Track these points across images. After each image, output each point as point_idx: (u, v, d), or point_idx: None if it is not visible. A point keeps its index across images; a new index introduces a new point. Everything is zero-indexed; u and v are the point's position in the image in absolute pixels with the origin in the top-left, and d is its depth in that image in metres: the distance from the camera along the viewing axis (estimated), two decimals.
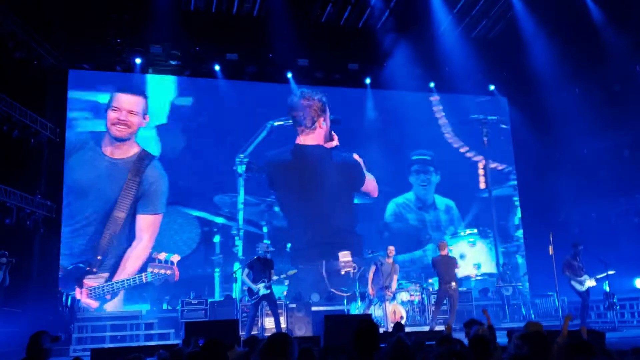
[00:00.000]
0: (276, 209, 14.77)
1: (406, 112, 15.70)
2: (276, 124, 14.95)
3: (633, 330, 11.49)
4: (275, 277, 10.84)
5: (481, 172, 16.16)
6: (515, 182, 16.54)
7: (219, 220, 14.42)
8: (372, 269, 11.80)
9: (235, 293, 13.27)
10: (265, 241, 11.62)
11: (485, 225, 15.87)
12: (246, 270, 10.84)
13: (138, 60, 13.97)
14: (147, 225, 13.76)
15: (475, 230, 15.64)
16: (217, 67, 14.46)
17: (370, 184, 15.47)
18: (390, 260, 11.95)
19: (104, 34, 13.32)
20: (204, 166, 14.43)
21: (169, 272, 13.27)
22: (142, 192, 13.83)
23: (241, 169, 14.53)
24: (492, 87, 16.49)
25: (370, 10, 14.12)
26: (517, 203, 16.41)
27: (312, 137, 15.15)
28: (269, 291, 10.62)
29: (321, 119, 15.05)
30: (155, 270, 13.23)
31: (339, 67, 15.20)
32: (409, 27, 14.02)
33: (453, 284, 11.11)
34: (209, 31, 13.87)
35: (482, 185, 16.10)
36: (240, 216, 14.47)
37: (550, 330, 6.39)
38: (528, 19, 14.08)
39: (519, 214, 16.32)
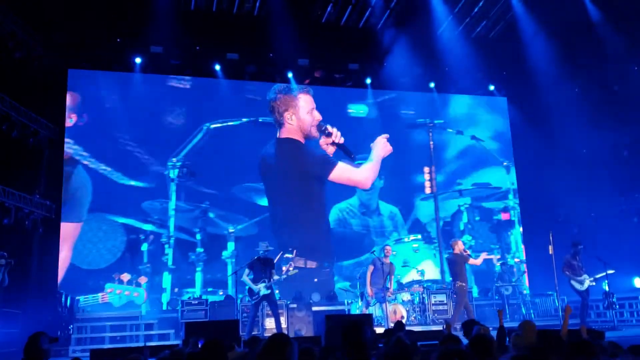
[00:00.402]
0: (211, 214, 14.12)
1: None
2: (212, 126, 14.41)
3: (632, 330, 11.51)
4: (276, 277, 10.84)
5: (427, 177, 15.77)
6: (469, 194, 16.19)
7: (148, 227, 13.69)
8: (370, 268, 11.80)
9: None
10: (263, 242, 11.50)
11: (429, 231, 15.60)
12: (247, 271, 10.84)
13: (138, 60, 13.95)
14: (67, 233, 13.06)
15: (419, 236, 15.32)
16: (217, 67, 14.45)
17: (349, 173, 14.85)
18: (388, 260, 11.95)
19: (103, 33, 13.31)
20: (133, 170, 13.73)
21: (136, 294, 13.01)
22: (67, 199, 13.16)
23: (173, 173, 13.89)
24: (491, 87, 16.52)
25: (371, 10, 14.12)
26: (463, 208, 16.04)
27: (287, 131, 14.68)
28: (269, 291, 10.62)
29: (287, 114, 14.58)
30: (119, 292, 12.92)
31: (340, 67, 15.21)
32: (410, 27, 14.01)
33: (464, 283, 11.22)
34: (209, 31, 13.87)
35: (428, 191, 15.71)
36: (171, 223, 13.79)
37: (548, 329, 6.44)
38: (528, 20, 14.11)
39: (464, 219, 15.98)
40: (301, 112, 14.63)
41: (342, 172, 14.78)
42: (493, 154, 16.39)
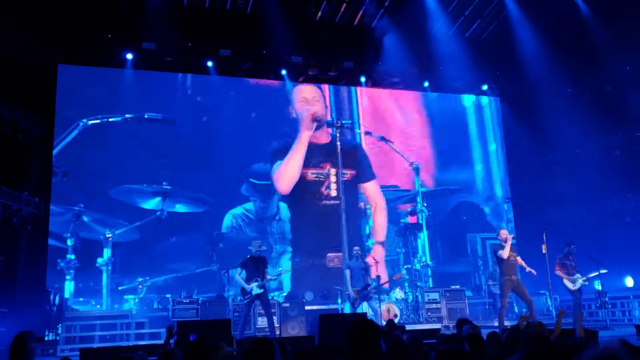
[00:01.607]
0: (85, 218, 13.17)
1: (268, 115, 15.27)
2: (90, 122, 13.60)
3: (624, 329, 11.52)
4: (269, 277, 10.74)
5: (332, 179, 15.07)
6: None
7: None
8: (347, 273, 11.53)
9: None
10: (257, 240, 11.36)
11: (335, 235, 14.50)
12: (239, 270, 10.73)
13: (129, 56, 13.81)
14: None
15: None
16: (210, 64, 14.34)
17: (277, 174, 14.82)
18: (359, 259, 11.70)
19: (95, 29, 13.14)
20: None
21: None
22: None
23: None
24: (484, 87, 16.53)
25: (365, 8, 14.07)
26: (369, 212, 15.44)
27: None
28: (262, 290, 10.51)
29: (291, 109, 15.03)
30: None
31: (334, 65, 15.14)
32: (404, 25, 13.98)
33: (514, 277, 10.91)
34: (202, 27, 13.76)
35: (334, 193, 15.01)
36: None
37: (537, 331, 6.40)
38: (521, 20, 14.13)
39: (370, 222, 15.37)
40: (297, 104, 14.94)
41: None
42: (402, 155, 15.86)
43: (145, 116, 14.06)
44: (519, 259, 11.12)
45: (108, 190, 13.50)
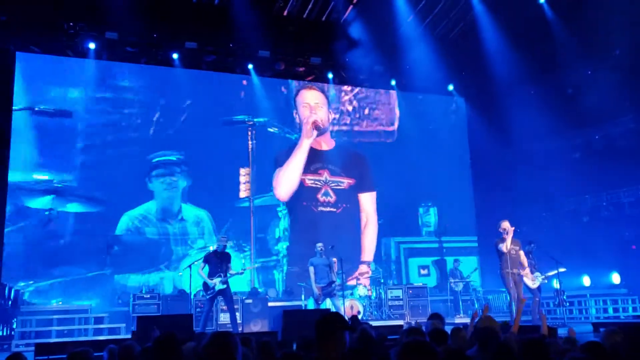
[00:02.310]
0: None
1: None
2: None
3: (581, 326, 11.77)
4: (232, 272, 10.63)
5: (243, 179, 14.61)
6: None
7: None
8: (311, 269, 11.48)
9: None
10: (223, 235, 11.22)
11: (242, 239, 14.34)
12: (202, 265, 10.59)
13: (92, 46, 13.48)
14: None
15: (230, 244, 13.58)
16: (175, 56, 14.10)
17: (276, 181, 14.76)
18: (323, 256, 11.62)
19: (57, 16, 12.80)
20: None
21: None
22: None
23: None
24: (451, 87, 16.69)
25: (334, 4, 14.04)
26: (280, 214, 14.89)
27: None
28: (225, 286, 10.39)
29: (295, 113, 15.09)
30: None
31: (301, 60, 15.07)
32: (372, 23, 14.00)
33: (515, 270, 10.62)
34: (168, 18, 13.46)
35: (243, 194, 14.56)
36: None
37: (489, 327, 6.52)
38: (487, 21, 14.29)
39: (282, 225, 14.85)
40: (300, 109, 15.01)
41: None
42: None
43: (36, 108, 13.21)
44: (521, 253, 10.84)
45: None
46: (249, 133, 14.93)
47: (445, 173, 16.35)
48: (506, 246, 10.43)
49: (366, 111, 16.17)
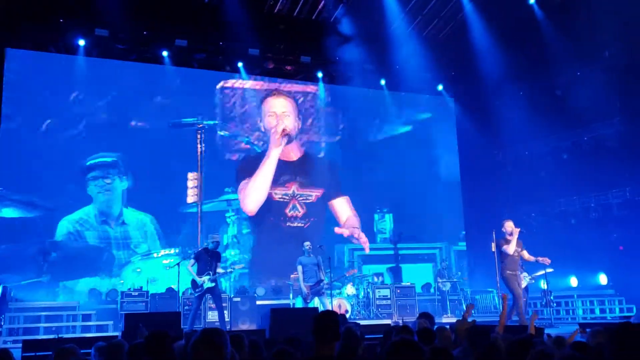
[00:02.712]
0: None
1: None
2: None
3: (568, 327, 11.85)
4: (221, 271, 10.62)
5: (191, 183, 14.09)
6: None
7: None
8: (299, 268, 11.48)
9: None
10: (215, 234, 11.15)
11: (189, 245, 13.82)
12: (192, 261, 10.57)
13: (82, 42, 13.43)
14: None
15: (175, 250, 13.77)
16: (165, 53, 14.07)
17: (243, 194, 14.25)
18: (311, 255, 11.63)
19: (47, 12, 12.73)
20: None
21: None
22: None
23: None
24: (440, 87, 16.74)
25: (324, 2, 14.03)
26: (229, 220, 14.52)
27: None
28: (213, 284, 10.38)
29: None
30: None
31: (291, 59, 15.06)
32: (362, 22, 14.00)
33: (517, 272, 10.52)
34: (158, 15, 13.42)
35: (191, 199, 14.08)
36: None
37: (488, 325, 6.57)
38: (477, 22, 14.32)
39: (230, 231, 14.49)
40: (265, 118, 14.47)
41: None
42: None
43: None
44: (524, 253, 10.67)
45: None
46: (198, 136, 14.37)
47: (425, 176, 16.26)
48: (511, 248, 10.24)
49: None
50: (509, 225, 10.42)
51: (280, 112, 14.92)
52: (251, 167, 14.54)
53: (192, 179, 14.19)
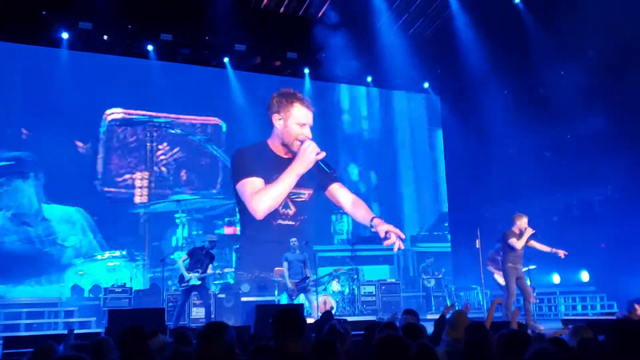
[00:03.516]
0: None
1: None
2: None
3: (551, 324, 11.98)
4: (210, 271, 10.60)
5: (139, 183, 13.61)
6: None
7: None
8: (285, 265, 11.47)
9: None
10: (213, 234, 11.02)
11: (134, 247, 13.55)
12: (184, 256, 10.53)
13: (65, 36, 13.27)
14: None
15: (122, 252, 13.48)
16: (150, 47, 13.95)
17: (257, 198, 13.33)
18: (297, 251, 11.64)
19: (28, 4, 12.55)
20: None
21: None
22: None
23: None
24: (426, 85, 16.79)
25: None
26: (179, 221, 14.05)
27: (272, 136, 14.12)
28: (200, 282, 10.35)
29: (276, 116, 13.60)
30: None
31: (278, 55, 15.01)
32: (349, 19, 13.99)
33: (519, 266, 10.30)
34: (144, 9, 13.30)
35: (138, 200, 13.60)
36: None
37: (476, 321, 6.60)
38: (463, 20, 14.39)
39: (179, 233, 14.11)
40: (290, 121, 13.32)
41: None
42: (227, 163, 14.66)
43: None
44: (535, 243, 10.40)
45: None
46: (148, 134, 13.87)
47: (410, 173, 16.26)
48: (520, 244, 10.05)
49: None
50: (523, 222, 10.18)
51: (308, 124, 13.51)
52: (248, 166, 13.80)
53: (139, 179, 13.71)
